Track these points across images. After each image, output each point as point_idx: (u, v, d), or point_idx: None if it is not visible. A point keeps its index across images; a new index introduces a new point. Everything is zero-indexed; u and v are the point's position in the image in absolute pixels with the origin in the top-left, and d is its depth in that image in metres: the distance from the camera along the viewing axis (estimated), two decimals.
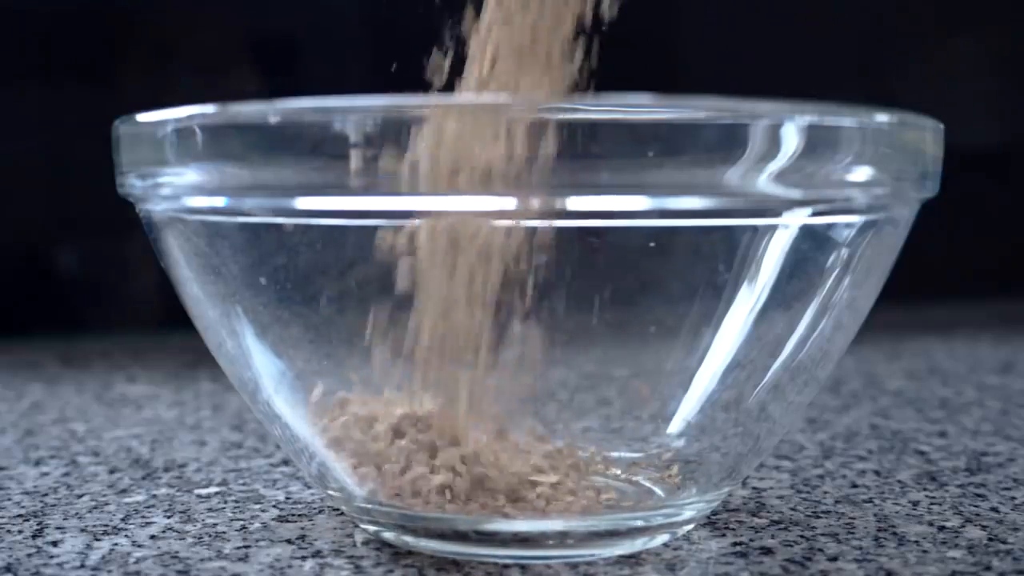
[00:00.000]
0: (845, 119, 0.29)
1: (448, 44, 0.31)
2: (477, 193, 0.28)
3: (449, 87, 0.31)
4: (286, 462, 0.43)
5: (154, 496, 0.38)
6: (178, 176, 0.30)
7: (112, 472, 0.42)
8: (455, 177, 0.27)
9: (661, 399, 0.33)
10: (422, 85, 0.31)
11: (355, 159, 0.27)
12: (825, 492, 0.38)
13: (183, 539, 0.34)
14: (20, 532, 0.35)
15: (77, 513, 0.37)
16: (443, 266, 0.29)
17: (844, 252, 0.31)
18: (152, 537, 0.34)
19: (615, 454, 0.34)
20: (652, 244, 0.31)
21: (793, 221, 0.30)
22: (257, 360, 0.33)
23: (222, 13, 0.72)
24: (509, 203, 0.28)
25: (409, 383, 0.31)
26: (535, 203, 0.27)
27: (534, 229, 0.29)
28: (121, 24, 0.75)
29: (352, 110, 0.27)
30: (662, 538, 0.33)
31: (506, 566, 0.31)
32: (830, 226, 0.31)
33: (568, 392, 0.35)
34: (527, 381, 0.31)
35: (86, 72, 0.74)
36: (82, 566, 0.32)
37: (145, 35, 0.74)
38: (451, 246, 0.29)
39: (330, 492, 0.33)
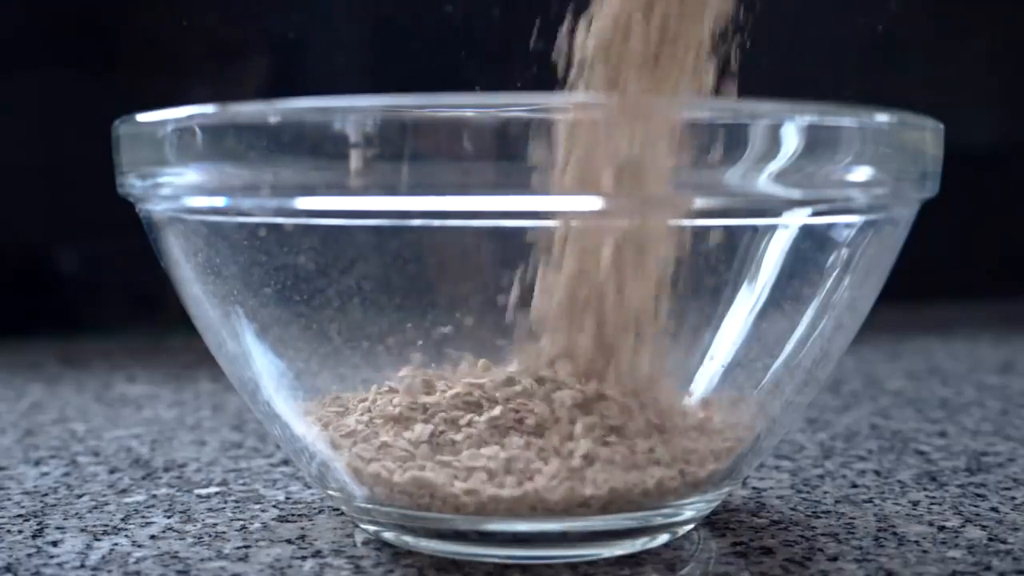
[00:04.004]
0: (845, 119, 0.29)
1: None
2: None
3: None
4: (286, 462, 0.43)
5: (154, 496, 0.38)
6: (178, 176, 0.30)
7: (112, 472, 0.42)
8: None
9: None
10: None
11: (355, 159, 0.27)
12: (825, 492, 0.38)
13: (183, 539, 0.34)
14: (20, 532, 0.35)
15: (77, 513, 0.37)
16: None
17: (844, 252, 0.31)
18: (152, 537, 0.34)
19: None
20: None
21: (793, 221, 0.30)
22: (257, 360, 0.33)
23: (223, 12, 0.72)
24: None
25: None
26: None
27: None
28: (122, 23, 0.75)
29: (352, 110, 0.27)
30: (662, 538, 0.33)
31: (506, 566, 0.31)
32: (830, 226, 0.31)
33: None
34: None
35: (87, 71, 0.74)
36: (82, 566, 0.32)
37: (147, 34, 0.74)
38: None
39: (330, 492, 0.33)
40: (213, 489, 0.39)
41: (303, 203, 0.29)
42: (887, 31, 0.82)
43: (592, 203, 0.29)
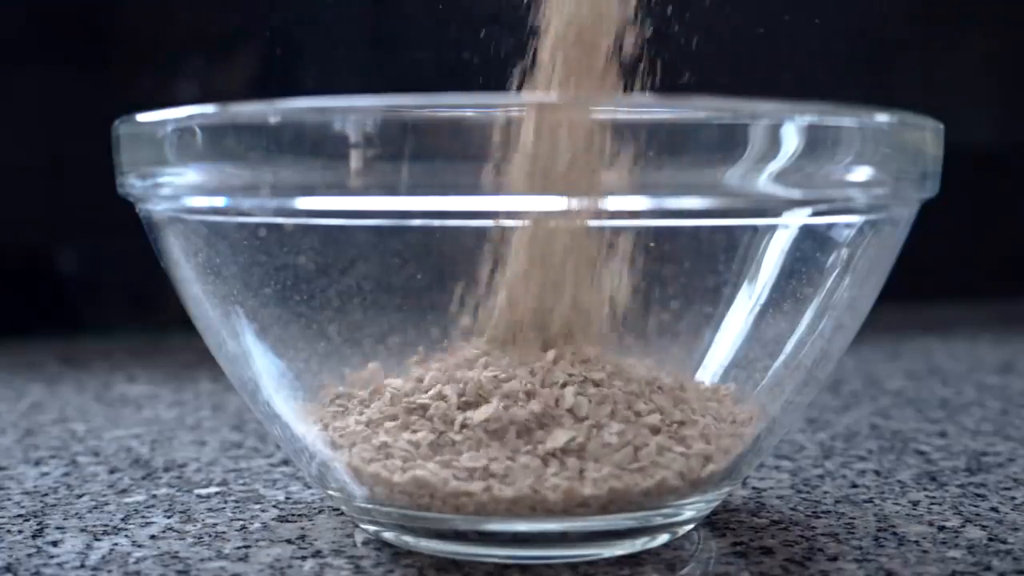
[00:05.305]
0: (845, 119, 0.29)
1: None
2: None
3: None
4: (286, 462, 0.43)
5: (154, 496, 0.38)
6: (178, 176, 0.30)
7: (112, 472, 0.42)
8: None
9: None
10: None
11: (355, 159, 0.27)
12: (825, 492, 0.38)
13: (183, 539, 0.34)
14: (20, 532, 0.35)
15: (77, 513, 0.37)
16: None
17: (844, 252, 0.31)
18: (152, 537, 0.34)
19: None
20: (652, 244, 0.31)
21: (793, 221, 0.30)
22: (257, 360, 0.33)
23: (224, 9, 0.72)
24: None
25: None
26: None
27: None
28: (123, 22, 0.75)
29: (352, 110, 0.27)
30: (662, 538, 0.33)
31: (506, 566, 0.31)
32: (830, 226, 0.31)
33: None
34: None
35: (87, 71, 0.74)
36: (82, 566, 0.32)
37: (147, 33, 0.74)
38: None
39: (330, 492, 0.33)
40: (213, 489, 0.39)
41: (303, 203, 0.29)
42: (887, 31, 0.82)
43: (604, 202, 0.29)
